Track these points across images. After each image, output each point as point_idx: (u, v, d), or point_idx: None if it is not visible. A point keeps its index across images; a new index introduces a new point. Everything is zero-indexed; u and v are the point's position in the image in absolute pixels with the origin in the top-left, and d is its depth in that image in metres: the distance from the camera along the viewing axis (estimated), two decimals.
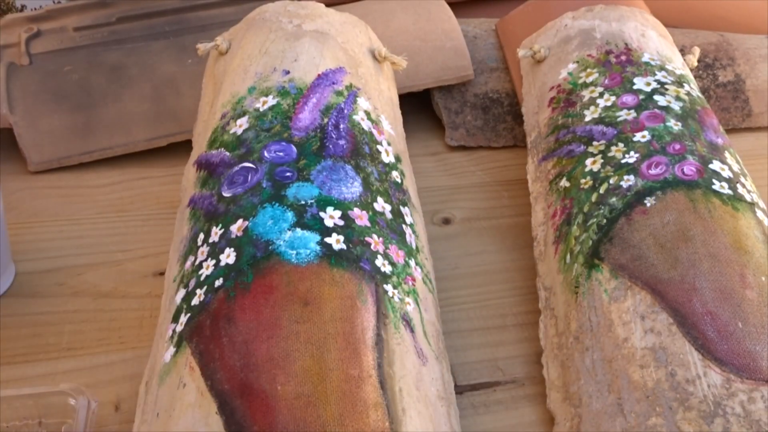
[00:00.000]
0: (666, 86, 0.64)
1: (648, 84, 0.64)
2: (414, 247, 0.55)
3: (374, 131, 0.60)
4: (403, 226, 0.55)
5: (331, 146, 0.56)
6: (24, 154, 0.74)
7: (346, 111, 0.59)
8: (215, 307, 0.47)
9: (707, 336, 0.48)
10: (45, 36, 0.81)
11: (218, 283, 0.48)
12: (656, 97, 0.63)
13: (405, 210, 0.57)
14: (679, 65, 0.69)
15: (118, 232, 0.67)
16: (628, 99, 0.63)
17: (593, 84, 0.66)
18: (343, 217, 0.51)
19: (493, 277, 0.64)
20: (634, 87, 0.64)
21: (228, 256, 0.49)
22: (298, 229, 0.49)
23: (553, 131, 0.66)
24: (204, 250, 0.51)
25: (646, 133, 0.60)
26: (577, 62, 0.68)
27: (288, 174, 0.53)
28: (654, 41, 0.70)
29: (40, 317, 0.59)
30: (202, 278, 0.49)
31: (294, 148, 0.55)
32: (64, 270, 0.63)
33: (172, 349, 0.47)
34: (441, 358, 0.52)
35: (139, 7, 0.85)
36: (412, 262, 0.53)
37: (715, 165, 0.57)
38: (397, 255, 0.52)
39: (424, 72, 0.79)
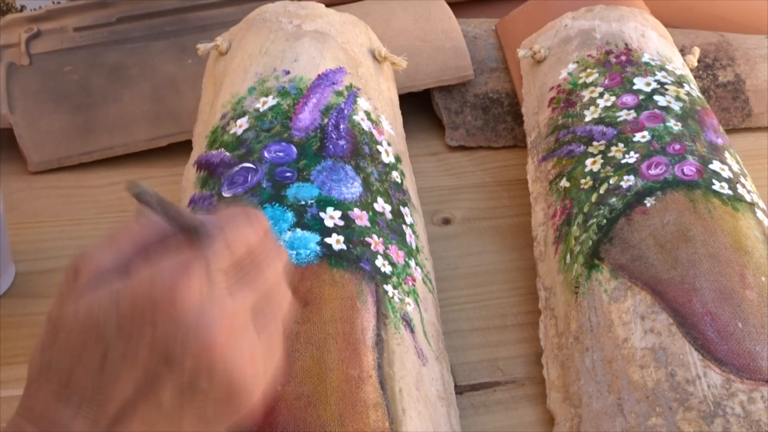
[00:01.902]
0: (666, 86, 0.64)
1: (648, 84, 0.64)
2: (414, 247, 0.55)
3: (374, 131, 0.60)
4: (403, 226, 0.55)
5: (331, 146, 0.56)
6: (24, 154, 0.74)
7: (346, 111, 0.59)
8: None
9: (707, 336, 0.48)
10: (45, 36, 0.81)
11: None
12: (656, 98, 0.63)
13: (405, 210, 0.57)
14: (679, 65, 0.69)
15: None
16: (628, 99, 0.63)
17: (593, 84, 0.66)
18: (343, 217, 0.51)
19: (493, 277, 0.64)
20: (634, 87, 0.64)
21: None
22: (298, 230, 0.49)
23: (553, 131, 0.66)
24: None
25: (646, 133, 0.60)
26: (577, 62, 0.68)
27: (288, 174, 0.53)
28: (654, 41, 0.70)
29: (40, 317, 0.58)
30: None
31: (294, 149, 0.55)
32: (64, 270, 0.63)
33: None
34: (441, 358, 0.52)
35: (139, 7, 0.85)
36: (412, 263, 0.53)
37: (715, 165, 0.57)
38: (397, 255, 0.52)
39: (424, 72, 0.79)
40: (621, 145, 0.60)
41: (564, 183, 0.61)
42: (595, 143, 0.61)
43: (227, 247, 0.30)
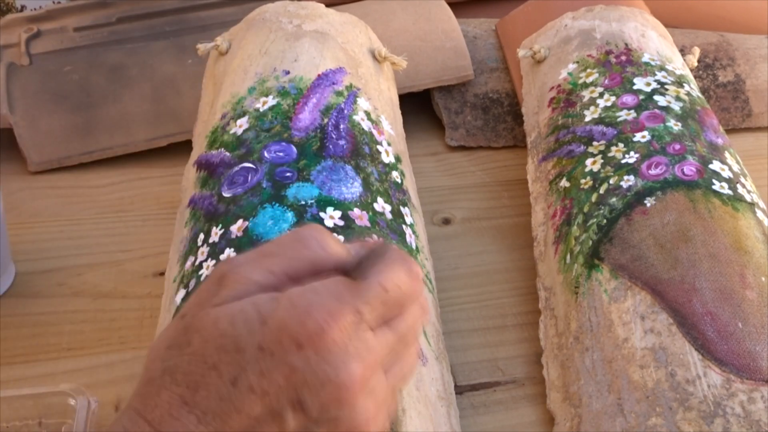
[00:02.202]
0: (666, 86, 0.64)
1: (648, 84, 0.64)
2: (414, 247, 0.55)
3: (374, 131, 0.60)
4: (403, 226, 0.55)
5: (331, 146, 0.56)
6: (24, 154, 0.74)
7: (346, 111, 0.59)
8: None
9: (707, 336, 0.48)
10: (45, 36, 0.81)
11: None
12: (656, 98, 0.63)
13: (405, 210, 0.57)
14: (679, 65, 0.69)
15: (118, 232, 0.67)
16: (628, 99, 0.63)
17: (593, 84, 0.66)
18: (344, 217, 0.51)
19: (493, 277, 0.64)
20: (634, 87, 0.64)
21: (228, 257, 0.49)
22: None
23: (553, 131, 0.66)
24: (204, 251, 0.51)
25: (646, 133, 0.60)
26: (577, 62, 0.68)
27: (288, 174, 0.53)
28: (654, 41, 0.70)
29: (40, 317, 0.59)
30: (202, 278, 0.49)
31: (294, 149, 0.55)
32: (64, 270, 0.63)
33: None
34: (441, 358, 0.52)
35: (139, 7, 0.85)
36: None
37: (715, 165, 0.57)
38: None
39: (424, 72, 0.79)
40: (621, 145, 0.60)
41: (564, 183, 0.61)
42: (595, 143, 0.61)
43: (382, 289, 0.30)
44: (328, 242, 0.31)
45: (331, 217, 0.51)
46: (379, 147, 0.59)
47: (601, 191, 0.58)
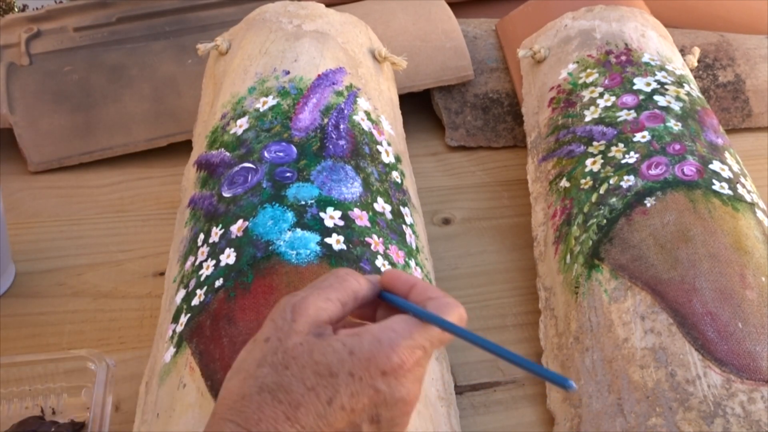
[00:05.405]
0: (666, 86, 0.64)
1: (648, 84, 0.64)
2: (414, 247, 0.55)
3: (374, 131, 0.60)
4: (403, 226, 0.55)
5: (331, 146, 0.56)
6: (24, 154, 0.74)
7: (346, 111, 0.59)
8: (215, 307, 0.47)
9: (707, 336, 0.48)
10: (45, 36, 0.81)
11: (218, 283, 0.48)
12: (656, 98, 0.63)
13: (405, 210, 0.57)
14: (679, 65, 0.69)
15: (118, 232, 0.67)
16: (628, 99, 0.63)
17: (593, 84, 0.66)
18: (343, 217, 0.51)
19: (493, 277, 0.64)
20: (634, 87, 0.64)
21: (228, 257, 0.49)
22: (298, 230, 0.49)
23: (553, 131, 0.66)
24: (204, 251, 0.51)
25: (646, 133, 0.60)
26: (577, 62, 0.68)
27: (288, 174, 0.53)
28: (654, 41, 0.70)
29: (40, 317, 0.59)
30: (202, 278, 0.49)
31: (294, 149, 0.55)
32: (64, 270, 0.63)
33: (172, 350, 0.47)
34: (441, 358, 0.52)
35: (139, 7, 0.85)
36: (412, 263, 0.53)
37: (715, 165, 0.57)
38: (397, 255, 0.52)
39: (424, 72, 0.79)
40: (621, 145, 0.60)
41: (564, 183, 0.61)
42: (595, 143, 0.61)
43: (441, 331, 0.37)
44: (360, 277, 0.38)
45: (331, 217, 0.51)
46: (379, 147, 0.59)
47: (601, 191, 0.58)
